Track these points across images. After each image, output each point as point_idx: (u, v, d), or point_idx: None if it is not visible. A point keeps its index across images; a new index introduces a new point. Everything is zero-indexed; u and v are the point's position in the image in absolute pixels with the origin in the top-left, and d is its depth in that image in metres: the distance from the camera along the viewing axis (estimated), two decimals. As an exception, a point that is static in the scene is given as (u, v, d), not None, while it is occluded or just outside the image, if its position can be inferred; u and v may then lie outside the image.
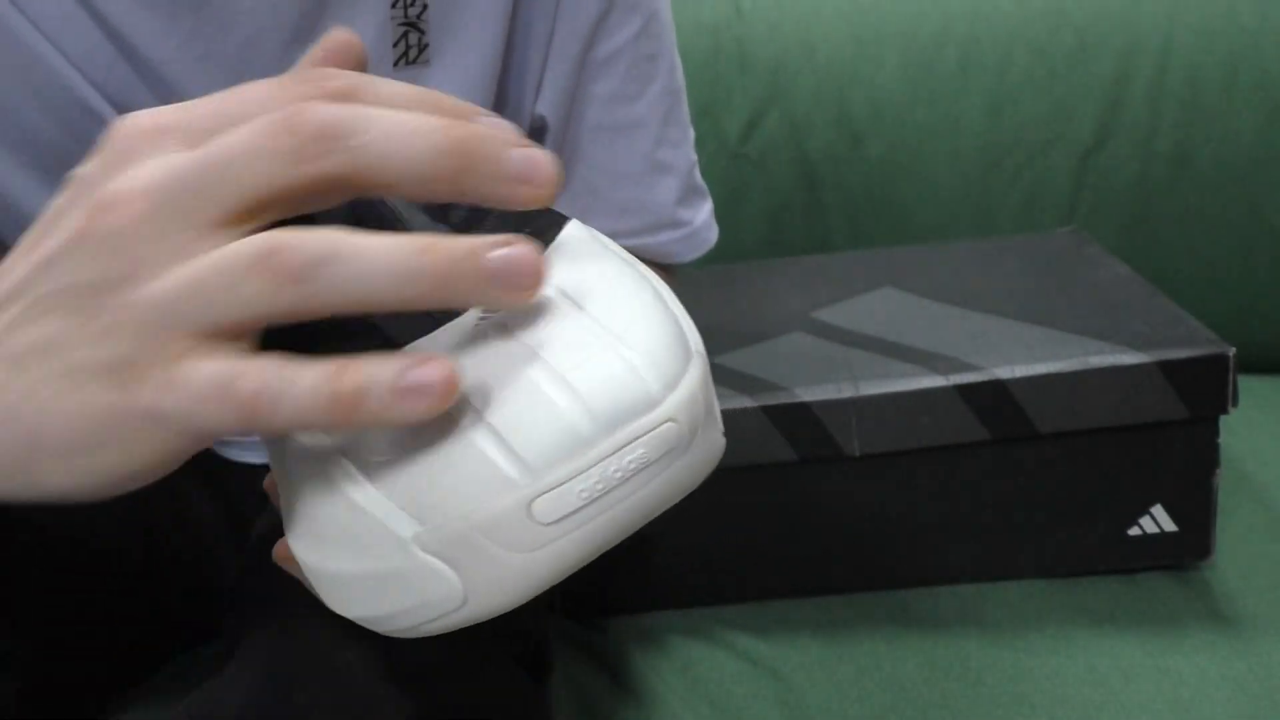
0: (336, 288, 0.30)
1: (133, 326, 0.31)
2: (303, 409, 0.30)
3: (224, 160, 0.31)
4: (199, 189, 0.31)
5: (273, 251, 0.30)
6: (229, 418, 0.30)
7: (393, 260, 0.30)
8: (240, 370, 0.30)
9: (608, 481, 0.31)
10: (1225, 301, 0.96)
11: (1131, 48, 0.95)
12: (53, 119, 0.55)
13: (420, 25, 0.58)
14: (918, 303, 0.75)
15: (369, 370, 0.30)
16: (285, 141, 0.30)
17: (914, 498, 0.68)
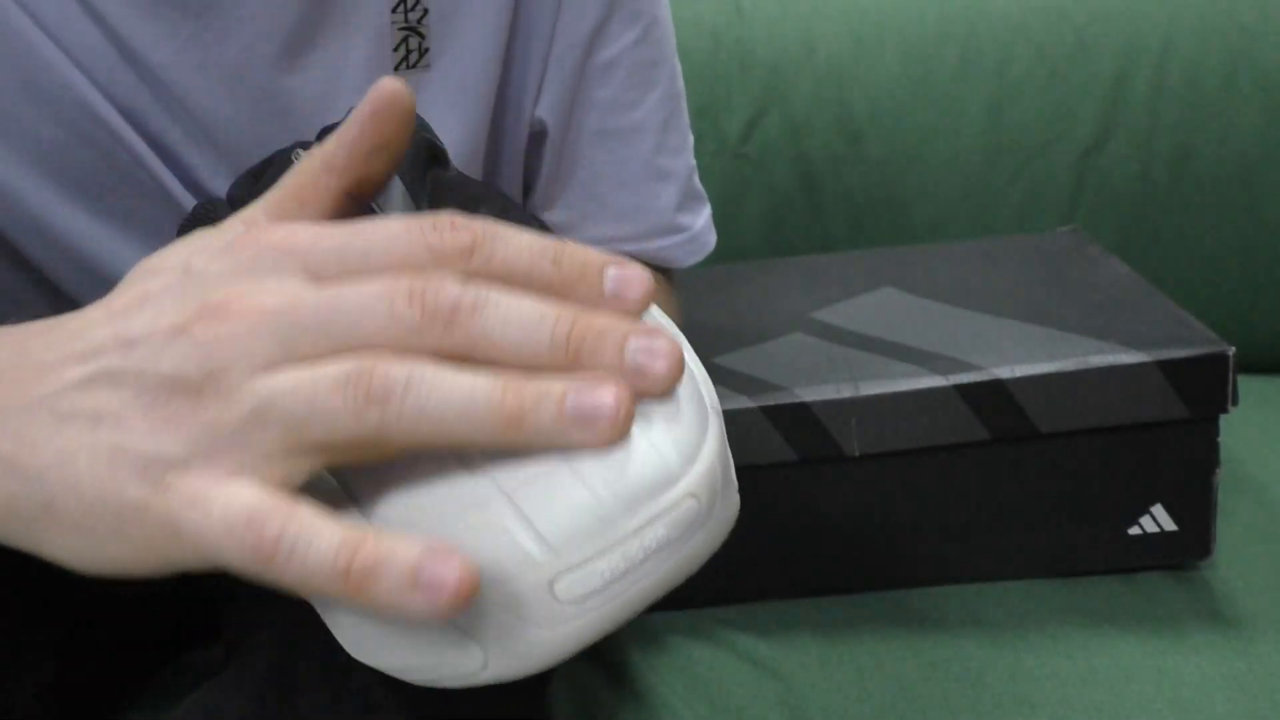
0: (416, 416, 0.31)
1: (195, 430, 0.31)
2: (312, 572, 0.30)
3: (342, 310, 0.31)
4: (309, 328, 0.32)
5: (362, 374, 0.31)
6: (242, 553, 0.31)
7: (471, 397, 0.31)
8: (271, 509, 0.31)
9: (630, 560, 0.31)
10: (1225, 301, 0.96)
11: (1131, 48, 0.95)
12: (57, 121, 0.55)
13: (421, 30, 0.58)
14: (918, 303, 0.75)
15: (388, 551, 0.30)
16: (409, 313, 0.31)
17: (914, 498, 0.68)
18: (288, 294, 0.32)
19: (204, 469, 0.31)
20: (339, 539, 0.30)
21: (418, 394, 0.30)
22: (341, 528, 0.30)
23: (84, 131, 0.55)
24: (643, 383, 0.32)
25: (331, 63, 0.57)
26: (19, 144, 0.55)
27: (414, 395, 0.30)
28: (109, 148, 0.56)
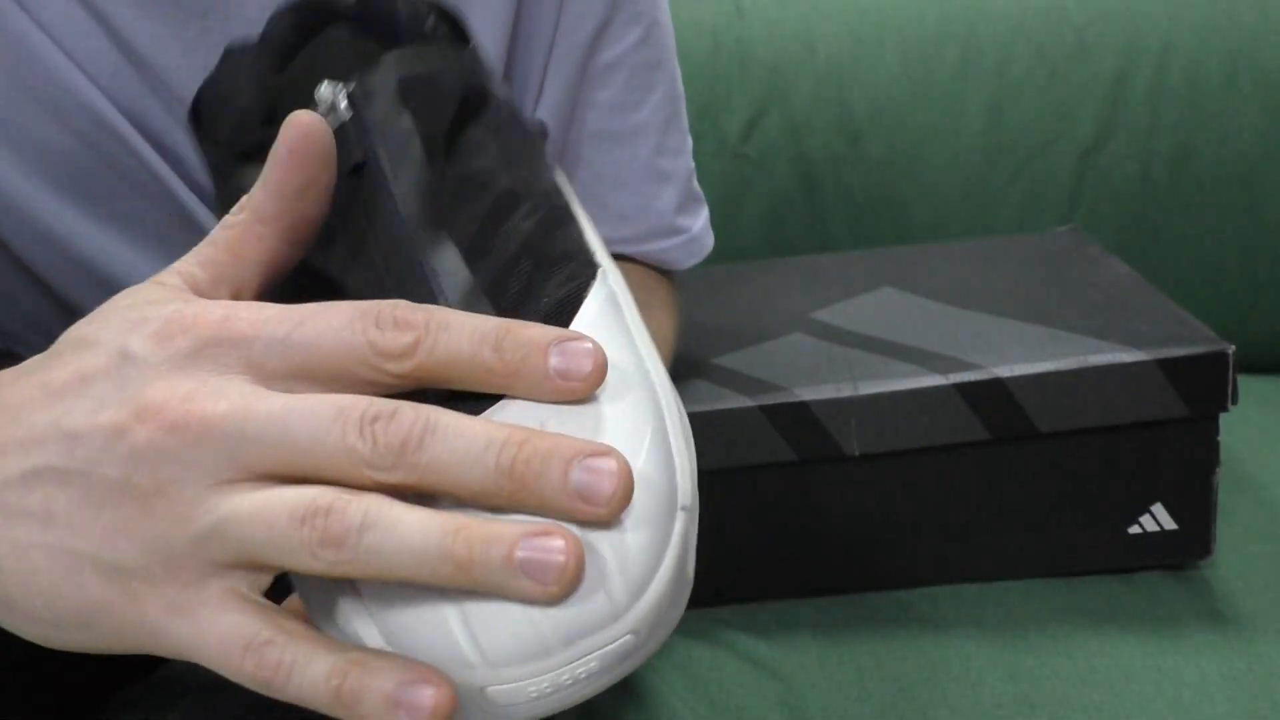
0: (369, 558, 0.31)
1: (150, 542, 0.31)
2: (305, 694, 0.31)
3: (294, 431, 0.31)
4: (259, 444, 0.31)
5: (318, 512, 0.31)
6: (241, 674, 0.31)
7: (423, 542, 0.31)
8: (269, 637, 0.31)
9: (558, 686, 0.32)
10: (1225, 301, 0.96)
11: (1131, 47, 0.95)
12: (61, 125, 0.55)
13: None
14: (917, 302, 0.75)
15: (370, 677, 0.31)
16: (361, 445, 0.31)
17: (914, 497, 0.68)
18: (233, 400, 0.32)
19: (168, 579, 0.32)
20: (329, 666, 0.31)
21: (372, 536, 0.31)
22: (329, 654, 0.31)
23: (88, 135, 0.55)
24: (587, 508, 0.32)
25: None
26: (21, 148, 0.55)
27: (369, 538, 0.31)
28: (113, 152, 0.56)
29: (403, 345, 0.32)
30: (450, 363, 0.32)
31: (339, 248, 0.37)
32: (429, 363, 0.32)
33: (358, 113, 0.37)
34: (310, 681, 0.31)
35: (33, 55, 0.54)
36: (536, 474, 0.31)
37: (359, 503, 0.31)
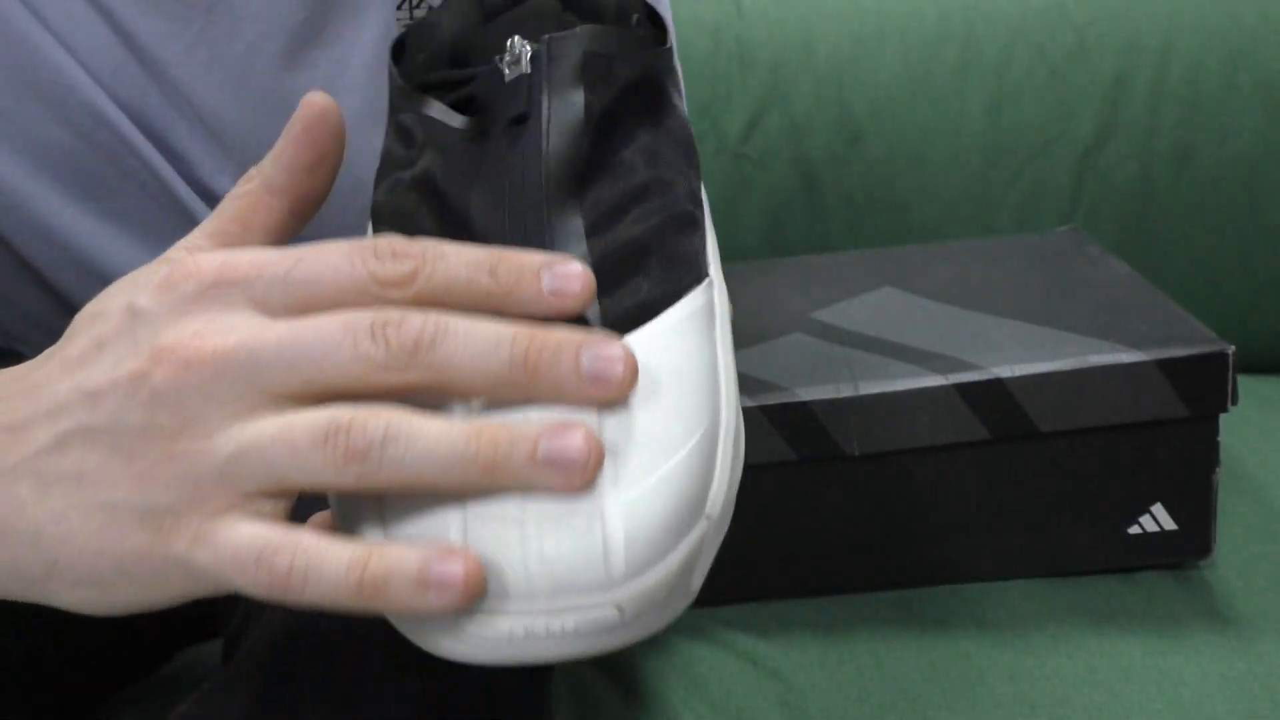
0: (394, 469, 0.32)
1: (179, 478, 0.32)
2: (327, 593, 0.31)
3: (306, 349, 0.32)
4: (274, 368, 0.32)
5: (340, 430, 0.32)
6: (258, 587, 0.32)
7: (448, 448, 0.32)
8: (278, 544, 0.32)
9: (530, 633, 0.32)
10: (1225, 301, 0.96)
11: (1131, 48, 0.95)
12: (62, 122, 0.55)
13: None
14: (917, 302, 0.75)
15: (394, 560, 0.31)
16: (374, 350, 0.32)
17: (914, 497, 0.68)
18: (241, 331, 0.33)
19: (195, 510, 0.32)
20: (346, 558, 0.31)
21: (395, 447, 0.31)
22: (345, 547, 0.32)
23: (89, 132, 0.55)
24: (604, 390, 0.33)
25: (336, 60, 0.58)
26: (23, 145, 0.55)
27: (392, 449, 0.31)
28: (114, 149, 0.56)
29: (402, 273, 0.33)
30: (448, 288, 0.33)
31: (480, 185, 0.39)
32: (428, 288, 0.33)
33: (536, 69, 0.39)
34: (330, 581, 0.31)
35: (36, 52, 0.54)
36: (550, 363, 0.32)
37: (379, 416, 0.32)
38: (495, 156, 0.39)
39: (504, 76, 0.39)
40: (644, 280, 0.37)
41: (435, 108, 0.41)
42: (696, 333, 0.37)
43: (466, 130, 0.41)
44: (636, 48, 0.41)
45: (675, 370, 0.35)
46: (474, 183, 0.39)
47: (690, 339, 0.36)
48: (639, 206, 0.39)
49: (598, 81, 0.39)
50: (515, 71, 0.39)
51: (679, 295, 0.37)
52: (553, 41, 0.39)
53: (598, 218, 0.38)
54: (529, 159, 0.38)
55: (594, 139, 0.39)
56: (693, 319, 0.37)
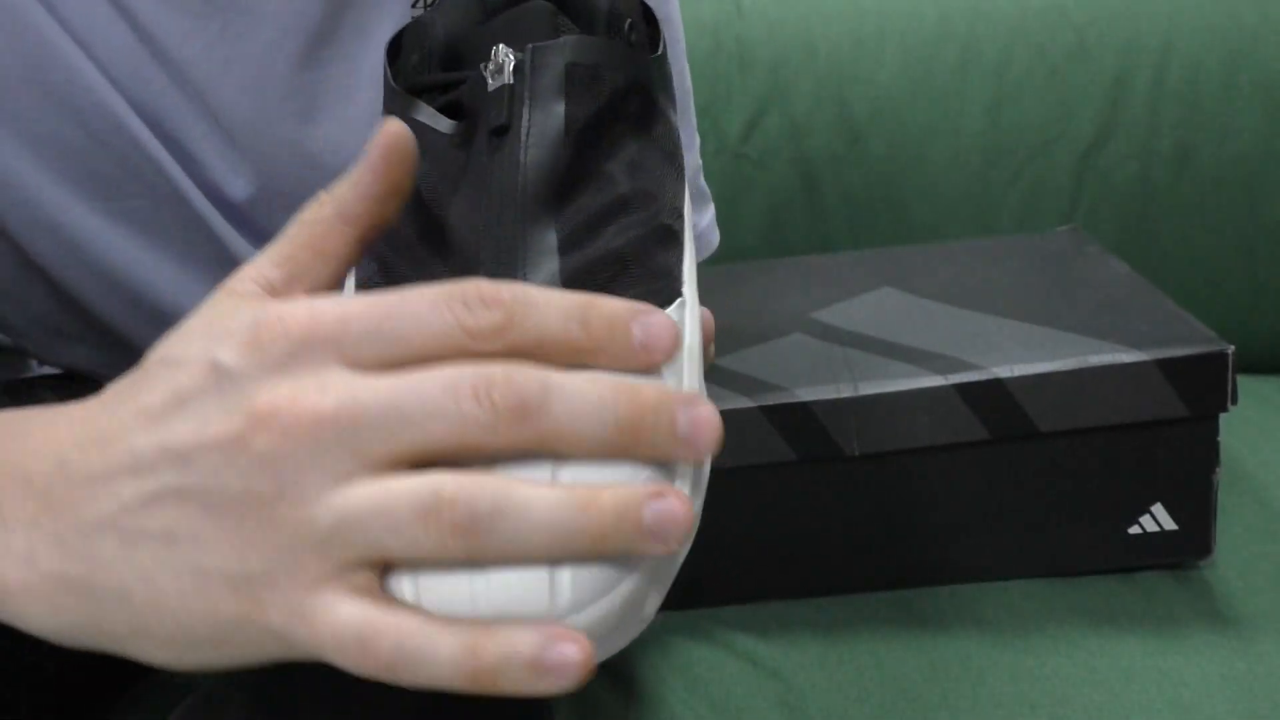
0: (503, 542, 0.31)
1: (277, 547, 0.31)
2: (439, 678, 0.31)
3: (408, 412, 0.31)
4: (376, 431, 0.31)
5: (444, 503, 0.31)
6: (361, 669, 0.31)
7: (558, 520, 0.31)
8: (379, 627, 0.31)
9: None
10: (1225, 301, 0.96)
11: (1131, 47, 0.95)
12: (76, 123, 0.55)
13: None
14: (917, 303, 0.75)
15: (507, 647, 0.31)
16: (479, 413, 0.31)
17: (914, 498, 0.68)
18: (339, 393, 0.32)
19: (291, 581, 0.31)
20: (457, 646, 0.31)
21: (504, 522, 0.31)
22: (452, 633, 0.31)
23: (100, 133, 0.55)
24: (697, 451, 0.33)
25: (352, 59, 0.58)
26: (34, 142, 0.55)
27: (501, 523, 0.31)
28: (125, 150, 0.56)
29: (495, 324, 0.32)
30: (540, 339, 0.33)
31: (462, 194, 0.39)
32: (520, 340, 0.32)
33: (519, 79, 0.39)
34: (441, 669, 0.31)
35: (51, 51, 0.54)
36: (651, 426, 0.32)
37: (485, 487, 0.31)
38: (478, 165, 0.39)
39: (487, 85, 0.39)
40: (614, 295, 0.37)
41: (425, 112, 0.41)
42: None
43: (454, 136, 0.40)
44: (624, 58, 0.40)
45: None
46: (456, 190, 0.39)
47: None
48: (617, 220, 0.39)
49: (581, 92, 0.39)
50: (498, 81, 0.39)
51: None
52: (536, 51, 0.39)
53: (574, 230, 0.38)
54: (507, 171, 0.38)
55: (575, 151, 0.39)
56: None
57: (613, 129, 0.40)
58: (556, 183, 0.38)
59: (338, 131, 0.59)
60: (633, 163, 0.40)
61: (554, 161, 0.38)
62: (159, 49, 0.55)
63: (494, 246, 0.37)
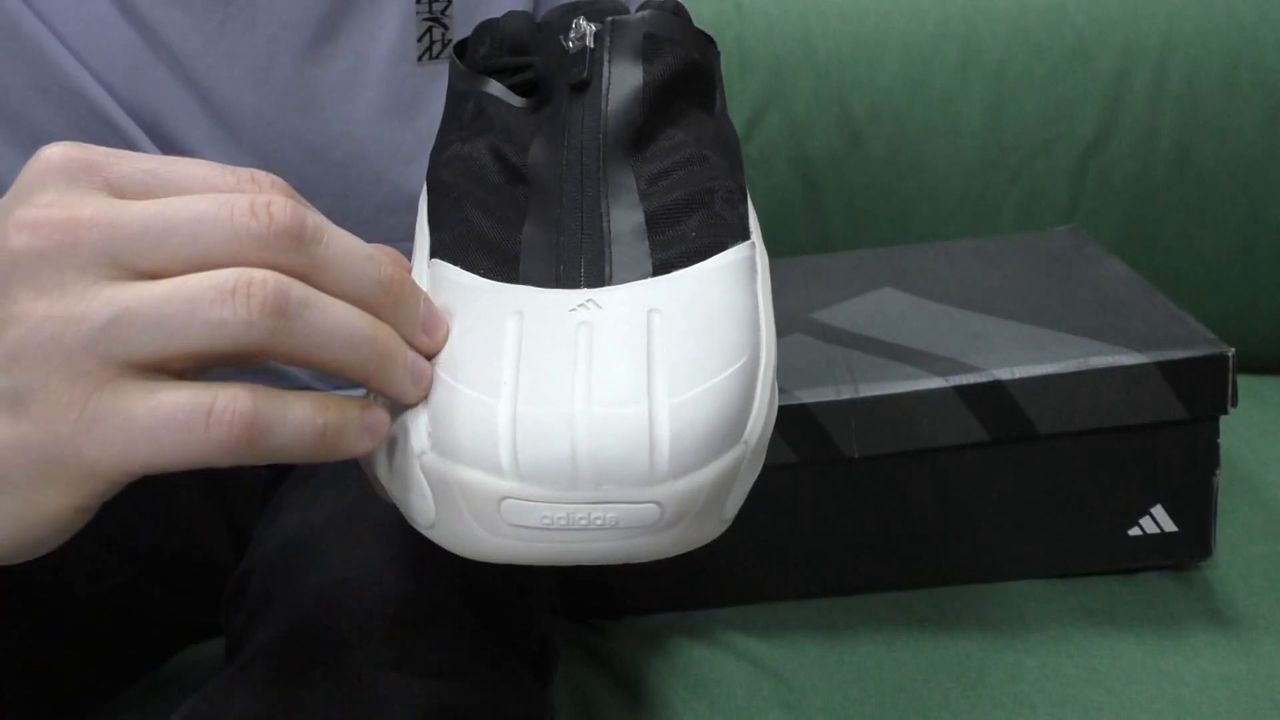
0: (306, 333, 0.31)
1: (44, 352, 0.29)
2: (290, 440, 0.31)
3: (175, 222, 0.30)
4: (140, 239, 0.30)
5: (254, 282, 0.30)
6: (209, 444, 0.30)
7: (355, 325, 0.31)
8: (230, 398, 0.30)
9: (572, 522, 0.33)
10: (1225, 301, 0.96)
11: (1131, 47, 0.95)
12: (70, 125, 0.55)
13: (444, 21, 0.59)
14: (917, 303, 0.75)
15: (343, 407, 0.32)
16: (254, 225, 0.30)
17: (914, 499, 0.68)
18: (100, 205, 0.30)
19: (67, 389, 0.29)
20: (308, 406, 0.31)
21: (311, 312, 0.31)
22: (299, 397, 0.31)
23: (96, 136, 0.55)
24: (415, 391, 0.34)
25: (356, 53, 0.58)
26: (31, 147, 0.56)
27: (309, 312, 0.30)
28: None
29: (288, 224, 0.32)
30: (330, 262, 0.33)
31: (539, 142, 0.40)
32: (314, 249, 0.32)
33: (600, 43, 0.41)
34: (294, 424, 0.31)
35: (44, 56, 0.54)
36: (403, 297, 0.33)
37: (294, 283, 0.31)
38: (556, 117, 0.41)
39: (567, 51, 0.41)
40: (692, 231, 0.39)
41: (495, 87, 0.43)
42: (740, 278, 0.38)
43: (526, 107, 0.42)
44: (694, 37, 0.43)
45: (720, 304, 0.36)
46: (532, 141, 0.41)
47: (734, 282, 0.38)
48: (689, 172, 0.40)
49: (656, 60, 0.41)
50: (579, 45, 0.41)
51: (724, 246, 0.39)
52: (615, 22, 0.41)
53: (650, 177, 0.40)
54: (588, 117, 0.40)
55: (649, 111, 0.40)
56: (737, 266, 0.38)
57: (680, 99, 0.42)
58: (634, 134, 0.40)
59: (342, 126, 0.59)
60: (698, 135, 0.42)
61: (632, 116, 0.40)
62: (161, 44, 0.55)
63: (576, 179, 0.39)
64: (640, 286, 0.36)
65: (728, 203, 0.40)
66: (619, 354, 0.34)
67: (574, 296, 0.36)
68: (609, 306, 0.35)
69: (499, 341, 0.35)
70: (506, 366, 0.34)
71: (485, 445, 0.33)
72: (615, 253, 0.37)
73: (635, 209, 0.38)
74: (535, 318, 0.35)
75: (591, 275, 0.36)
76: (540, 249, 0.37)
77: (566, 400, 0.33)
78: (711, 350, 0.35)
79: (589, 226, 0.38)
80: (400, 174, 0.61)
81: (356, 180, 0.60)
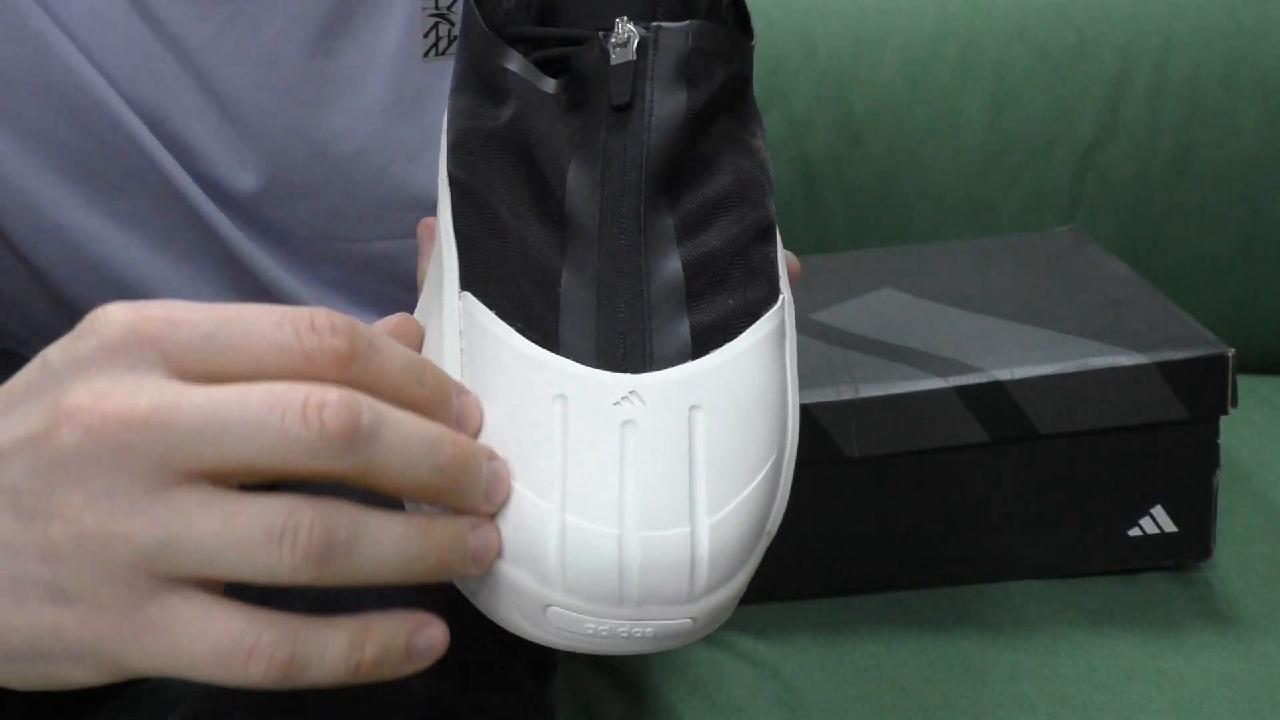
0: (356, 570, 0.30)
1: (89, 562, 0.29)
2: (326, 678, 0.31)
3: (227, 424, 0.29)
4: (190, 443, 0.29)
5: (301, 529, 0.29)
6: (249, 680, 0.30)
7: (407, 549, 0.31)
8: (271, 638, 0.30)
9: (614, 635, 0.34)
10: (1225, 301, 0.96)
11: (1131, 47, 0.95)
12: (73, 122, 0.55)
13: (451, 17, 0.58)
14: (917, 303, 0.75)
15: (386, 634, 0.32)
16: (303, 434, 0.29)
17: (914, 500, 0.68)
18: (154, 396, 0.29)
19: (114, 599, 0.30)
20: (345, 641, 0.31)
21: (361, 549, 0.30)
22: (337, 628, 0.31)
23: (100, 133, 0.55)
24: (486, 509, 0.34)
25: (363, 49, 0.58)
26: (34, 143, 0.56)
27: (358, 551, 0.30)
28: (126, 150, 0.56)
29: (337, 351, 0.31)
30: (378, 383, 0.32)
31: (578, 163, 0.39)
32: (359, 376, 0.31)
33: (643, 58, 0.39)
34: (330, 663, 0.31)
35: (49, 51, 0.54)
36: (463, 476, 0.33)
37: (341, 514, 0.30)
38: (594, 137, 0.39)
39: (609, 58, 0.39)
40: (728, 295, 0.38)
41: (519, 62, 0.40)
42: (772, 354, 0.38)
43: (559, 96, 0.40)
44: (736, 46, 0.41)
45: (754, 393, 0.36)
46: (571, 159, 0.39)
47: (767, 360, 0.37)
48: (726, 213, 0.39)
49: (699, 79, 0.39)
50: (622, 56, 0.39)
51: (758, 313, 0.38)
52: (661, 31, 0.39)
53: (687, 218, 0.39)
54: (630, 152, 0.38)
55: (691, 140, 0.39)
56: (770, 339, 0.38)
57: (720, 118, 0.41)
58: (674, 167, 0.39)
59: (347, 121, 0.59)
60: (735, 152, 0.41)
61: (673, 146, 0.39)
62: (168, 37, 0.55)
63: (616, 224, 0.38)
64: (680, 379, 0.35)
65: (761, 246, 0.40)
66: (663, 464, 0.34)
67: (617, 385, 0.35)
68: (651, 403, 0.35)
69: (546, 431, 0.34)
70: (555, 465, 0.34)
71: (534, 551, 0.33)
72: (654, 325, 0.37)
73: (673, 260, 0.38)
74: (579, 405, 0.35)
75: (633, 357, 0.36)
76: (580, 309, 0.37)
77: (615, 520, 0.33)
78: (746, 449, 0.35)
79: (630, 291, 0.37)
80: (404, 171, 0.61)
81: (360, 176, 0.60)
